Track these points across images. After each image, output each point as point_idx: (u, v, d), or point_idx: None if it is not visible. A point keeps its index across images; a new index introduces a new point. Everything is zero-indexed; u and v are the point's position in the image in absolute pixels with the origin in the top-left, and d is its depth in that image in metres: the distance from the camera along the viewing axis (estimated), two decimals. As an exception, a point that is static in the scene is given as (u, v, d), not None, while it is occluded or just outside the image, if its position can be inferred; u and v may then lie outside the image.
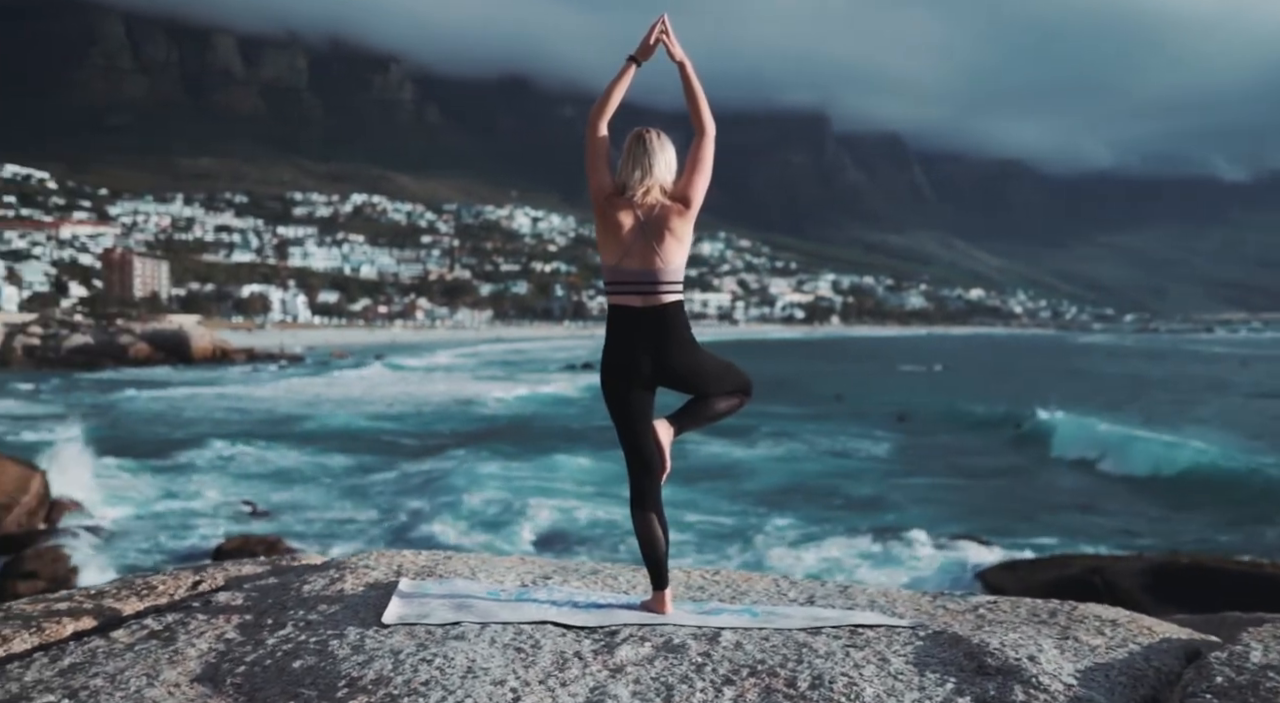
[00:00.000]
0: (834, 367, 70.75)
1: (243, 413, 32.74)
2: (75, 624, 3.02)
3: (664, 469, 3.07)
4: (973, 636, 2.76)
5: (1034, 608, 3.18)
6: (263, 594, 3.25)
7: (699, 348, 3.04)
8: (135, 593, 3.37)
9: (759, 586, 3.48)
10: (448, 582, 3.32)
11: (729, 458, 24.07)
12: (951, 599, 3.30)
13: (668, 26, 3.06)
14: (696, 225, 3.12)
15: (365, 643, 2.68)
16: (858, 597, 3.29)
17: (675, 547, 14.76)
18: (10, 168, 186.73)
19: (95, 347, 67.21)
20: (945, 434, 29.35)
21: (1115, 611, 3.20)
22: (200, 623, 2.96)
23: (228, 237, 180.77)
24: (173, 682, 2.51)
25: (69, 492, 16.80)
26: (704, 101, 3.08)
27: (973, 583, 12.98)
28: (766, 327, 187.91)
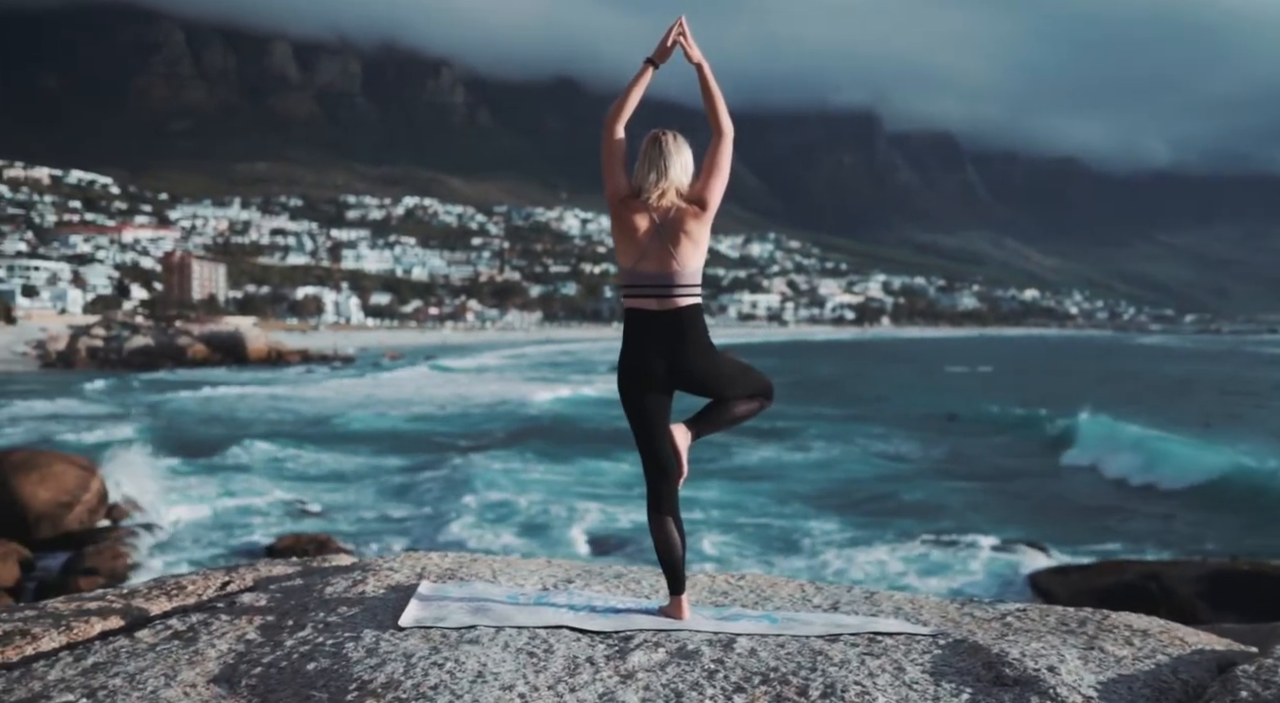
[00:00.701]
0: (882, 368, 70.13)
1: (295, 414, 33.26)
2: (103, 624, 3.06)
3: (681, 474, 3.05)
4: (994, 645, 2.72)
5: (1064, 617, 3.13)
6: (286, 595, 3.27)
7: (716, 351, 3.03)
8: (165, 593, 3.40)
9: (783, 591, 3.44)
10: (468, 585, 3.32)
11: (778, 461, 23.94)
12: (980, 607, 3.26)
13: (685, 29, 3.04)
14: (746, 226, 3.10)
15: (380, 646, 2.69)
16: (883, 604, 3.26)
17: (721, 549, 14.79)
18: (75, 174, 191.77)
19: (155, 348, 68.71)
20: (991, 436, 28.96)
21: (1149, 620, 3.13)
22: (223, 624, 2.99)
23: (283, 239, 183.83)
24: (189, 682, 2.53)
25: (128, 491, 17.11)
26: (722, 104, 3.05)
27: (1024, 588, 12.81)
28: (816, 328, 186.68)
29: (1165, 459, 22.07)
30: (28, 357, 63.36)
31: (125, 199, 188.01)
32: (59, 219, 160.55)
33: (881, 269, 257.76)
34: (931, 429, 30.55)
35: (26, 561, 13.31)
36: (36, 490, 14.95)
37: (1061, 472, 22.87)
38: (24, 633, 2.97)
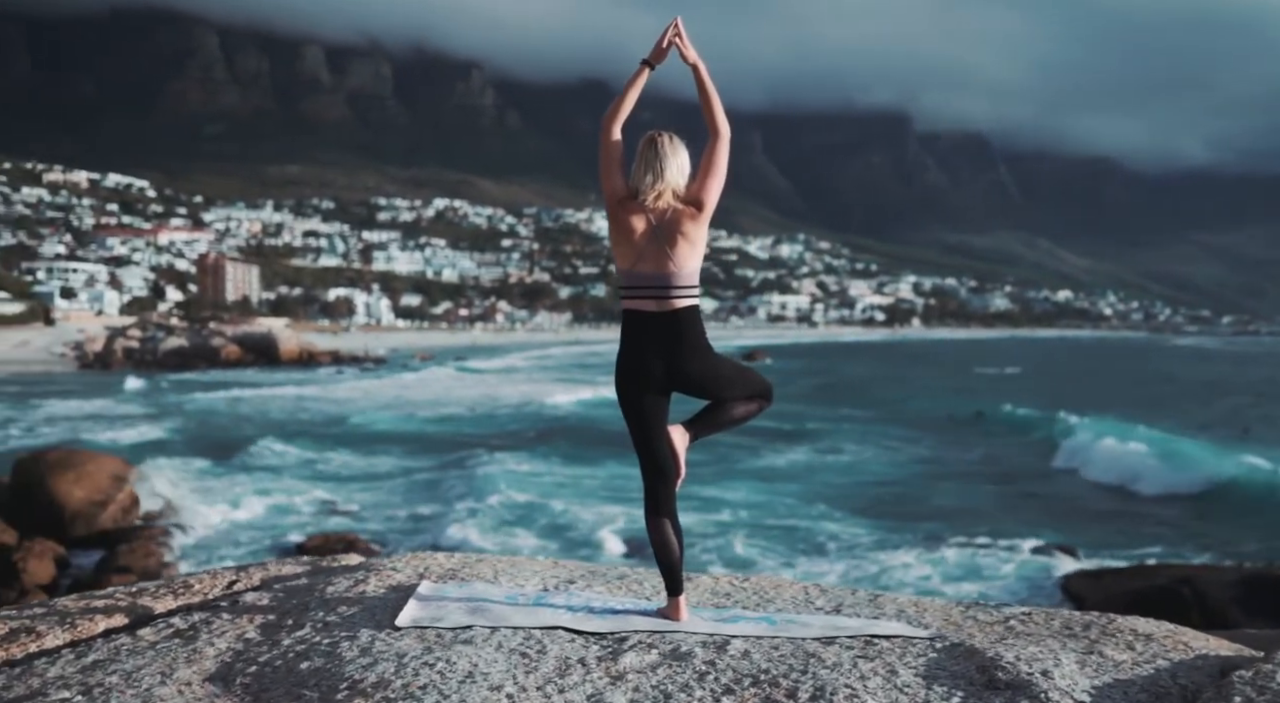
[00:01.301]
0: (912, 370, 69.74)
1: (326, 414, 33.56)
2: (107, 622, 3.09)
3: (679, 475, 3.05)
4: (990, 648, 2.71)
5: (1068, 620, 3.11)
6: (289, 595, 3.28)
7: (714, 353, 3.02)
8: (173, 591, 3.43)
9: (787, 593, 3.43)
10: (467, 585, 3.32)
11: (807, 462, 23.88)
12: (984, 610, 3.25)
13: (681, 30, 3.04)
14: (775, 227, 3.11)
15: (374, 646, 2.70)
16: (886, 606, 3.25)
17: (746, 551, 14.79)
18: (113, 177, 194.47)
19: (189, 349, 69.56)
20: (1020, 439, 28.74)
21: (1155, 625, 3.10)
22: (224, 623, 3.01)
23: (315, 241, 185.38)
24: (185, 680, 2.55)
25: (161, 490, 17.36)
26: (718, 104, 3.05)
27: (1055, 592, 12.72)
28: (846, 329, 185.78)
29: (1195, 464, 21.82)
30: (66, 357, 64.35)
31: (161, 202, 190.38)
32: (97, 222, 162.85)
33: (912, 270, 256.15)
34: (960, 431, 30.37)
35: (62, 558, 13.54)
36: (72, 489, 15.21)
37: (1091, 475, 22.66)
38: (29, 630, 3.00)
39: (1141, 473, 21.51)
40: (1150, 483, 20.81)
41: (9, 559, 12.87)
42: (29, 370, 54.89)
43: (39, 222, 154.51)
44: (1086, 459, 23.67)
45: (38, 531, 14.16)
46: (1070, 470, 23.27)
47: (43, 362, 61.15)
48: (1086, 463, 23.41)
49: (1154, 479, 20.93)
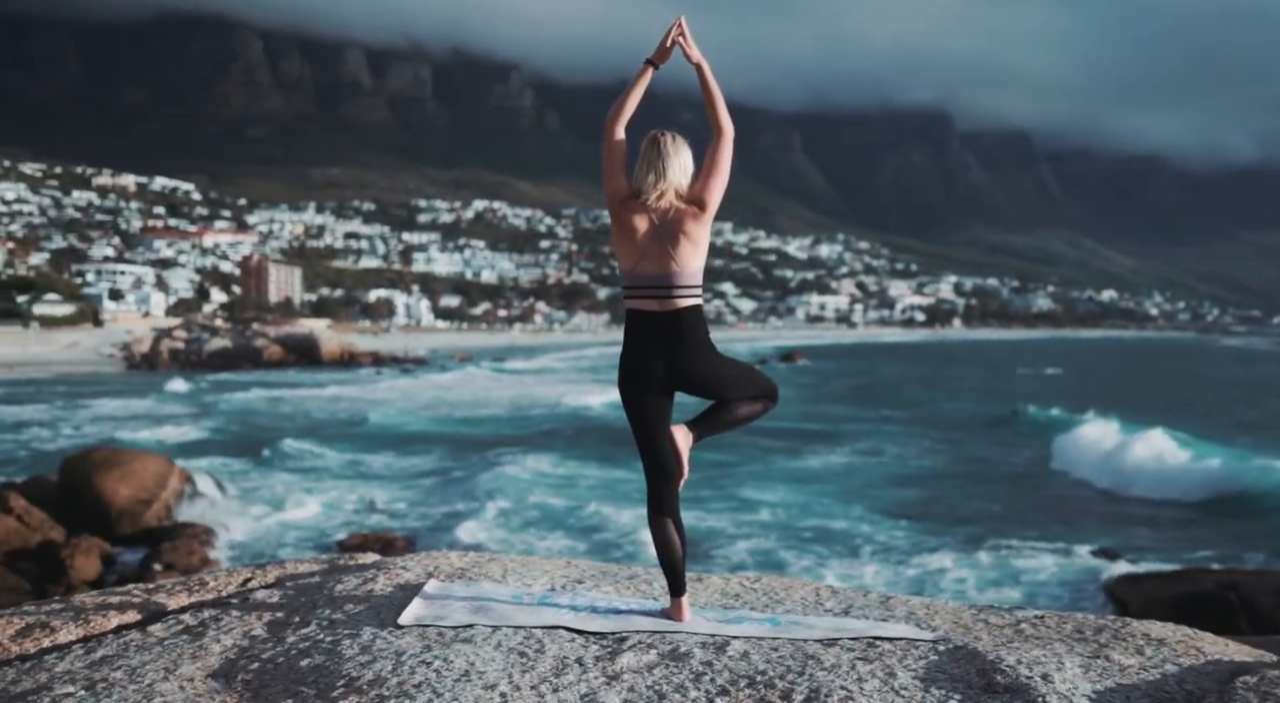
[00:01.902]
0: (952, 370, 69.08)
1: (364, 414, 33.90)
2: (120, 618, 3.14)
3: (681, 475, 3.04)
4: (993, 652, 2.69)
5: (1081, 624, 3.07)
6: (299, 593, 3.31)
7: (717, 353, 3.00)
8: (188, 588, 3.47)
9: (797, 594, 3.41)
10: (474, 584, 3.33)
11: (845, 463, 23.81)
12: (995, 613, 3.22)
13: (684, 29, 3.04)
14: (814, 227, 3.11)
15: (375, 644, 2.72)
16: (897, 608, 3.23)
17: (781, 553, 14.77)
18: (160, 180, 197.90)
19: (233, 350, 70.60)
20: (1058, 440, 28.39)
21: (1170, 629, 3.05)
22: (232, 619, 3.04)
23: (356, 243, 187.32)
24: (188, 676, 2.58)
25: (204, 488, 17.63)
26: (721, 103, 3.02)
27: (1098, 596, 12.59)
28: (886, 330, 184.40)
29: (1240, 468, 21.44)
30: (114, 358, 65.57)
31: (206, 205, 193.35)
32: (144, 224, 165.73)
33: (952, 270, 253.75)
34: (998, 433, 30.07)
35: (108, 555, 13.81)
36: (118, 488, 15.50)
37: (1133, 478, 22.32)
38: (44, 626, 3.04)
39: (1183, 477, 21.18)
40: (1193, 487, 20.48)
41: (57, 556, 13.17)
42: (78, 371, 56.01)
43: (89, 225, 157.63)
44: (1135, 463, 23.32)
45: (85, 528, 14.46)
46: (1119, 474, 22.93)
47: (91, 362, 62.37)
48: (1134, 466, 23.07)
49: (1197, 483, 20.60)
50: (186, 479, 17.22)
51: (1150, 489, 20.81)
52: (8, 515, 13.94)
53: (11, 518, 13.94)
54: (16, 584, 12.08)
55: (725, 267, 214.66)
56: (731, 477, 21.11)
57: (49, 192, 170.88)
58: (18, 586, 12.04)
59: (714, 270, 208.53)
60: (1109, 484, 21.63)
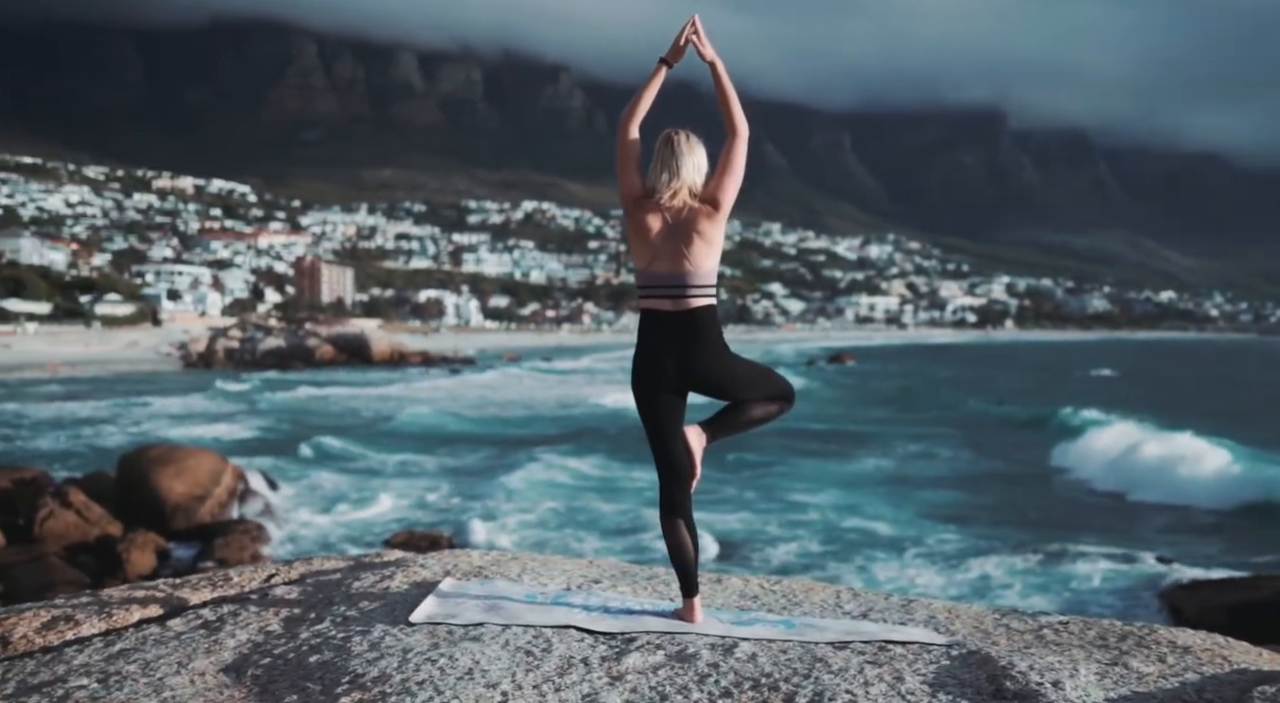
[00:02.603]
0: (1004, 372, 68.13)
1: (413, 413, 34.30)
2: (143, 612, 3.19)
3: (694, 476, 3.01)
4: (1007, 657, 2.64)
5: (1106, 630, 3.02)
6: (318, 589, 3.33)
7: (730, 353, 2.98)
8: (212, 584, 3.51)
9: (817, 597, 3.38)
10: (489, 583, 3.33)
11: (898, 466, 23.66)
12: (1018, 618, 3.17)
13: (698, 27, 3.02)
14: (864, 227, 3.09)
15: (384, 641, 2.74)
16: (918, 612, 3.19)
17: (824, 553, 14.71)
18: (217, 183, 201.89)
19: (286, 349, 71.77)
20: (1113, 443, 27.91)
21: (1198, 637, 2.98)
22: (250, 615, 3.07)
23: (407, 244, 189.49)
24: (200, 671, 2.61)
25: (256, 485, 17.91)
26: (736, 102, 3.00)
27: (1152, 603, 12.39)
28: (936, 331, 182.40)
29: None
30: (171, 357, 67.01)
31: (261, 206, 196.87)
32: (201, 226, 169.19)
33: (1005, 270, 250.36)
34: (1050, 436, 29.61)
35: (163, 550, 14.09)
36: (173, 484, 15.82)
37: (1187, 483, 21.90)
38: (69, 619, 3.10)
39: (1238, 484, 20.72)
40: (1246, 493, 20.03)
41: (114, 550, 13.50)
42: (137, 369, 57.32)
43: (148, 226, 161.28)
44: (1192, 468, 22.86)
45: (141, 523, 14.77)
46: (1174, 478, 22.49)
47: (150, 361, 63.79)
48: (1190, 472, 22.62)
49: (1251, 489, 20.15)
50: (239, 476, 17.51)
51: (1193, 497, 20.39)
52: (68, 510, 14.32)
53: (71, 513, 14.32)
54: (76, 577, 12.40)
55: (774, 267, 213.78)
56: (779, 478, 21.07)
57: (111, 194, 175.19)
58: (77, 579, 12.36)
59: (762, 271, 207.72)
60: (1164, 490, 21.21)
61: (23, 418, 31.17)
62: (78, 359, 59.30)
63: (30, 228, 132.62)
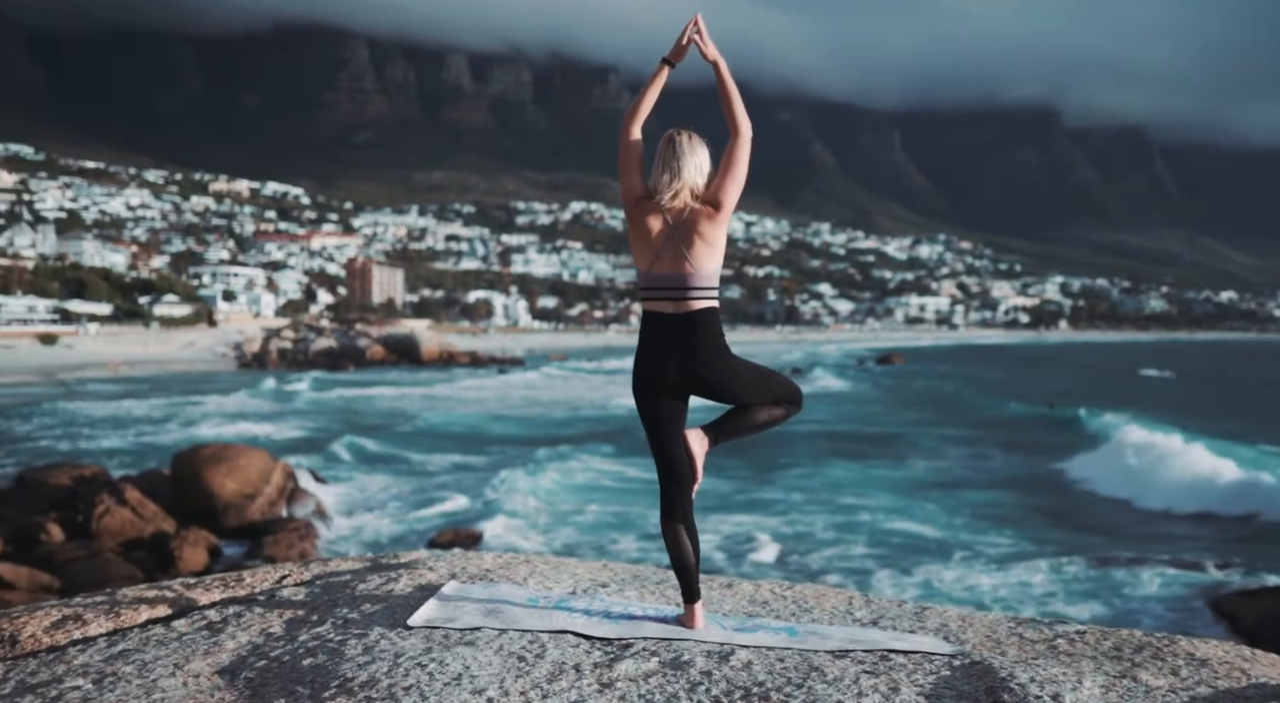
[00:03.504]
0: (1058, 374, 67.06)
1: (459, 413, 34.64)
2: (151, 612, 3.20)
3: (695, 480, 2.96)
4: (1009, 668, 2.57)
5: (1122, 641, 2.92)
6: (325, 591, 3.32)
7: (733, 356, 2.93)
8: (225, 584, 3.51)
9: (829, 603, 3.32)
10: (493, 586, 3.31)
11: (948, 467, 23.48)
12: (1034, 627, 3.08)
13: (701, 27, 2.98)
14: (914, 227, 3.03)
15: (379, 644, 2.73)
16: (930, 619, 3.13)
17: (865, 559, 14.61)
18: (271, 185, 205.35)
19: (337, 349, 72.82)
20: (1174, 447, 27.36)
21: (1221, 649, 2.88)
22: (254, 616, 3.06)
23: (456, 245, 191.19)
24: (195, 672, 2.61)
25: (305, 484, 18.19)
26: (738, 102, 2.96)
27: (1204, 612, 12.16)
28: (988, 331, 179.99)
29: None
30: (226, 357, 68.30)
31: (314, 209, 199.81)
32: (256, 228, 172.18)
33: (1059, 270, 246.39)
34: (1101, 440, 29.10)
35: (214, 547, 14.38)
36: (224, 482, 16.13)
37: (1249, 488, 21.39)
38: (77, 618, 3.11)
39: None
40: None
41: (167, 546, 13.84)
42: (194, 369, 58.54)
43: (206, 229, 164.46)
44: (1254, 474, 22.32)
45: (194, 520, 15.09)
46: (1237, 483, 22.00)
47: (206, 361, 65.08)
48: (1253, 477, 22.09)
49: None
50: (289, 475, 17.77)
51: (1257, 505, 19.90)
52: (123, 507, 14.67)
53: (126, 510, 14.67)
54: (130, 573, 12.70)
55: (822, 267, 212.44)
56: (826, 481, 20.93)
57: (170, 197, 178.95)
58: (131, 574, 12.66)
59: (811, 271, 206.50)
60: (1240, 496, 20.71)
61: (83, 417, 31.98)
62: (137, 359, 60.67)
63: (93, 230, 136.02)
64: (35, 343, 64.61)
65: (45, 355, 59.39)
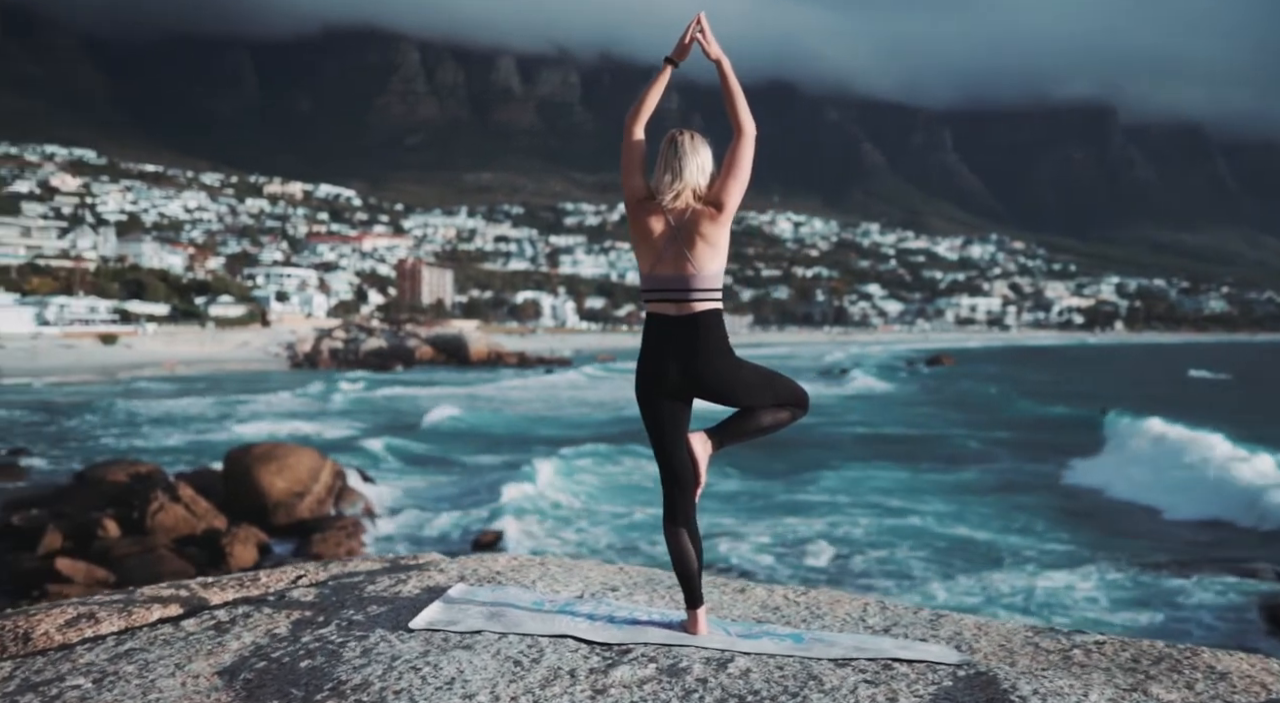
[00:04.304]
0: (1117, 376, 65.86)
1: (505, 414, 34.89)
2: (163, 611, 3.22)
3: (698, 484, 2.92)
4: (1012, 679, 2.51)
5: (1142, 652, 2.84)
6: (335, 592, 3.33)
7: (735, 358, 2.89)
8: (240, 584, 3.53)
9: (842, 610, 3.27)
10: (500, 589, 3.29)
11: (1004, 468, 23.28)
12: (1052, 636, 3.01)
13: (704, 25, 2.95)
14: (965, 227, 2.94)
15: (378, 647, 2.73)
16: (945, 627, 3.07)
17: (910, 563, 14.50)
18: (324, 188, 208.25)
19: (387, 350, 73.72)
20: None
21: (1243, 661, 2.78)
22: (262, 617, 3.07)
23: (505, 246, 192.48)
24: (195, 673, 2.62)
25: (354, 483, 18.36)
26: (742, 101, 2.92)
27: (1259, 623, 11.92)
28: (1041, 332, 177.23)
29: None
30: (279, 357, 69.46)
31: (365, 210, 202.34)
32: (309, 230, 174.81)
33: (1115, 270, 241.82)
34: (1155, 445, 28.53)
35: (264, 544, 14.62)
36: (274, 480, 16.42)
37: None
38: (90, 616, 3.13)
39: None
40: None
41: (218, 543, 14.15)
42: (247, 369, 59.61)
43: (260, 230, 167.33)
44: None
45: (245, 518, 15.36)
46: (1273, 489, 21.49)
47: (259, 361, 66.23)
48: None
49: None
50: (338, 474, 18.05)
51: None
52: (176, 504, 15.00)
53: (180, 507, 15.00)
54: (182, 568, 12.99)
55: (871, 268, 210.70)
56: (881, 487, 20.75)
57: (226, 200, 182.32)
58: (183, 570, 12.94)
59: (860, 271, 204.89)
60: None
61: (141, 415, 32.74)
62: (192, 358, 61.93)
63: (151, 233, 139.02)
64: (96, 343, 66.18)
65: (105, 355, 60.83)
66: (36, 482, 19.86)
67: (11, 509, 16.23)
